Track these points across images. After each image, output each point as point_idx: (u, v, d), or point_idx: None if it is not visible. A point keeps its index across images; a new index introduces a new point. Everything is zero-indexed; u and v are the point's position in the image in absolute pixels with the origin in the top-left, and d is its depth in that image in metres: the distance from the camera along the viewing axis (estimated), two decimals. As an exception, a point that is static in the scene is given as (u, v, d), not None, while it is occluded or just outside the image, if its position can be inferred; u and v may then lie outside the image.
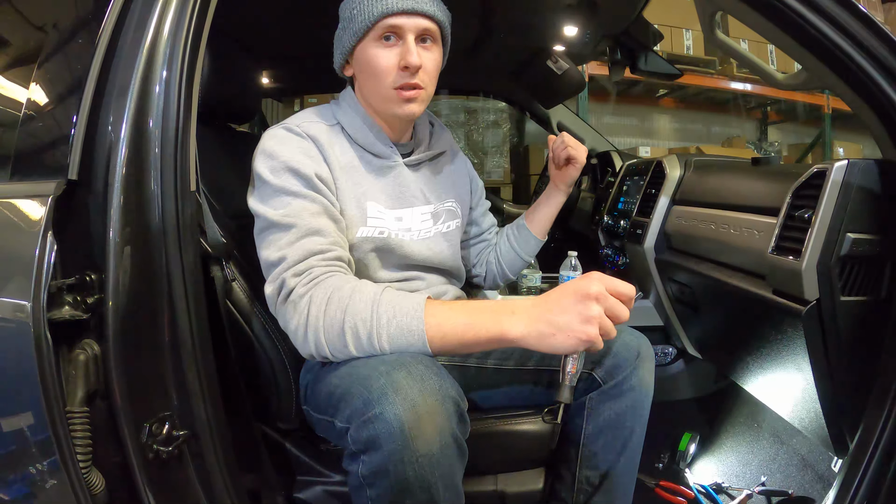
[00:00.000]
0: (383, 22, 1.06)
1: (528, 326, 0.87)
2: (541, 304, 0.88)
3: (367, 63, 1.10)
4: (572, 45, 2.34)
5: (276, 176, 1.02)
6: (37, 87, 0.90)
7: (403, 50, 1.07)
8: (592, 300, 0.84)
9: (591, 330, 0.84)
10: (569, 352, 0.87)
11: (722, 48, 1.42)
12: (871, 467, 1.08)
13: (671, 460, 1.84)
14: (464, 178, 1.39)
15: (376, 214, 1.13)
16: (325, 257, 0.98)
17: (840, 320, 1.15)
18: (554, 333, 0.85)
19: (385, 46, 1.08)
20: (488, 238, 1.51)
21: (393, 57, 1.08)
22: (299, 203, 1.01)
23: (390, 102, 1.11)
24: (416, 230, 1.19)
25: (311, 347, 0.94)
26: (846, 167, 1.12)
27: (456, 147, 1.41)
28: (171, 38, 0.88)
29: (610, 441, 1.17)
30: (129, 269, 0.83)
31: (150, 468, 0.83)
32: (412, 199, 1.20)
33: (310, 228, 0.99)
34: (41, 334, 0.75)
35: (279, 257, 0.98)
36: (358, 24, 1.07)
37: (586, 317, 0.84)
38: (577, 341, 0.84)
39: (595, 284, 0.85)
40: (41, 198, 0.79)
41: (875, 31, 1.07)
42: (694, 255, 1.66)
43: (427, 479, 0.82)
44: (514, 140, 4.98)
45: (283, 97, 3.78)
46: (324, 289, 0.93)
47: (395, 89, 1.09)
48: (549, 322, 0.85)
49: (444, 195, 1.28)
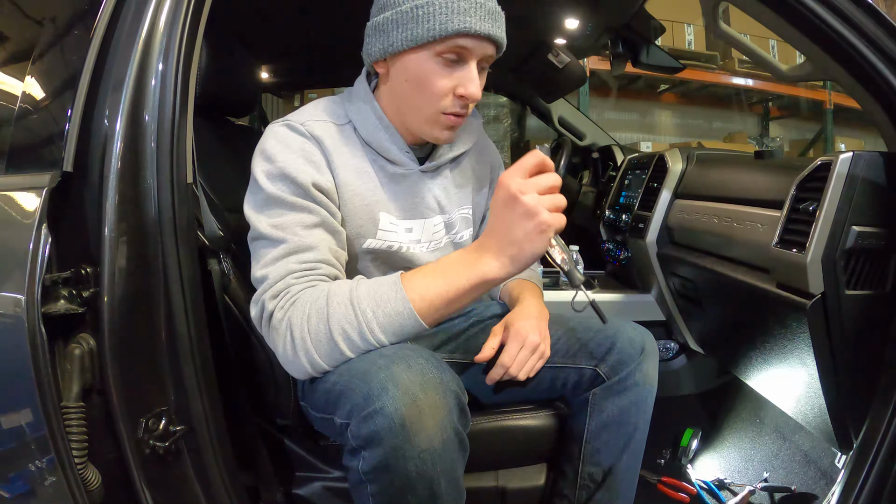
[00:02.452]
0: (455, 40, 0.96)
1: (499, 258, 0.88)
2: (492, 234, 0.89)
3: (418, 76, 0.99)
4: (573, 38, 2.33)
5: (271, 182, 0.96)
6: (32, 80, 0.90)
7: (465, 76, 0.98)
8: (518, 197, 0.84)
9: (543, 217, 0.84)
10: (543, 250, 0.88)
11: (725, 39, 1.41)
12: (876, 464, 1.08)
13: (673, 456, 1.84)
14: (485, 179, 1.28)
15: (388, 227, 1.09)
16: (303, 275, 0.94)
17: (845, 314, 1.14)
18: (521, 246, 0.86)
19: (446, 65, 0.98)
20: None
21: (451, 81, 0.98)
22: (292, 216, 0.96)
23: (432, 125, 1.03)
24: (427, 241, 1.15)
25: (305, 367, 0.91)
26: (851, 159, 1.11)
27: (483, 136, 1.28)
28: (167, 30, 0.88)
29: (613, 437, 1.16)
30: (124, 262, 0.82)
31: (146, 464, 0.83)
32: (426, 211, 1.14)
33: (298, 245, 0.95)
34: (36, 328, 0.74)
35: (262, 276, 0.94)
36: (422, 31, 0.95)
37: (527, 212, 0.84)
38: (540, 235, 0.85)
39: (513, 183, 0.85)
40: (36, 190, 0.79)
41: (881, 22, 1.06)
42: (696, 249, 1.65)
43: (429, 474, 0.81)
44: (514, 135, 4.97)
45: (282, 92, 3.77)
46: (300, 306, 0.90)
47: (443, 114, 1.01)
48: (509, 242, 0.86)
49: (462, 201, 1.21)
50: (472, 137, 1.21)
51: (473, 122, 1.22)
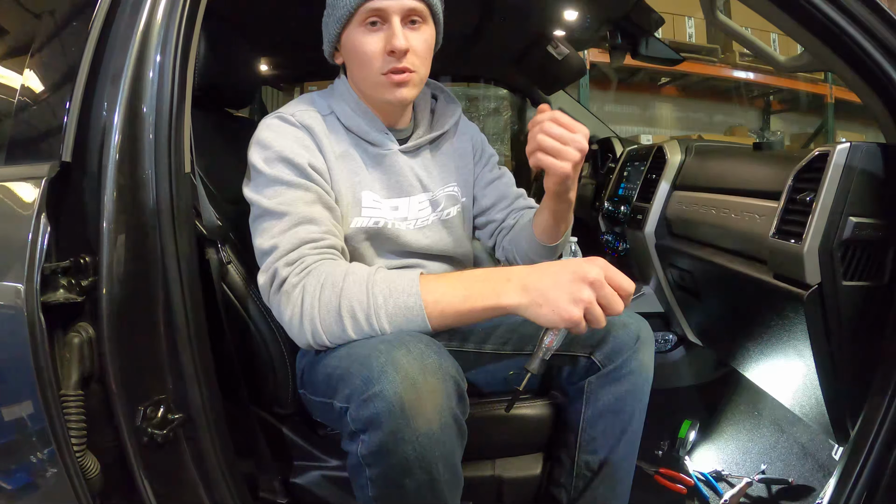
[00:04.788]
0: (365, 6, 1.03)
1: (521, 296, 0.88)
2: (537, 273, 0.89)
3: (353, 50, 1.07)
4: (573, 29, 2.33)
5: (269, 166, 1.01)
6: (31, 72, 0.90)
7: (389, 34, 1.04)
8: (587, 284, 0.85)
9: (576, 312, 0.84)
10: (550, 326, 0.89)
11: (723, 30, 1.41)
12: (872, 454, 1.08)
13: (671, 447, 1.85)
14: (467, 154, 1.32)
15: (371, 204, 1.12)
16: (317, 245, 0.97)
17: (842, 305, 1.14)
18: (541, 305, 0.86)
19: (370, 31, 1.05)
20: (495, 218, 1.36)
21: (379, 41, 1.05)
22: (293, 193, 1.00)
23: (380, 88, 1.08)
24: (413, 219, 1.18)
25: (307, 336, 0.93)
26: (848, 150, 1.11)
27: (462, 119, 1.33)
28: (164, 22, 0.88)
29: (609, 425, 1.17)
30: (123, 251, 0.82)
31: (145, 452, 0.83)
32: (409, 188, 1.18)
33: (303, 217, 0.99)
34: (35, 317, 0.74)
35: (271, 245, 0.97)
36: (341, 11, 1.05)
37: (576, 298, 0.84)
38: (559, 319, 0.85)
39: (595, 270, 0.85)
40: (35, 180, 0.79)
41: (879, 14, 1.06)
42: (695, 241, 1.65)
43: (427, 458, 0.82)
44: (514, 127, 4.97)
45: (281, 84, 3.76)
46: (316, 276, 0.93)
47: (383, 75, 1.06)
48: (540, 293, 0.86)
49: (446, 179, 1.25)
50: (450, 120, 1.28)
51: (451, 106, 1.29)
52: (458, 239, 1.26)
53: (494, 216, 1.36)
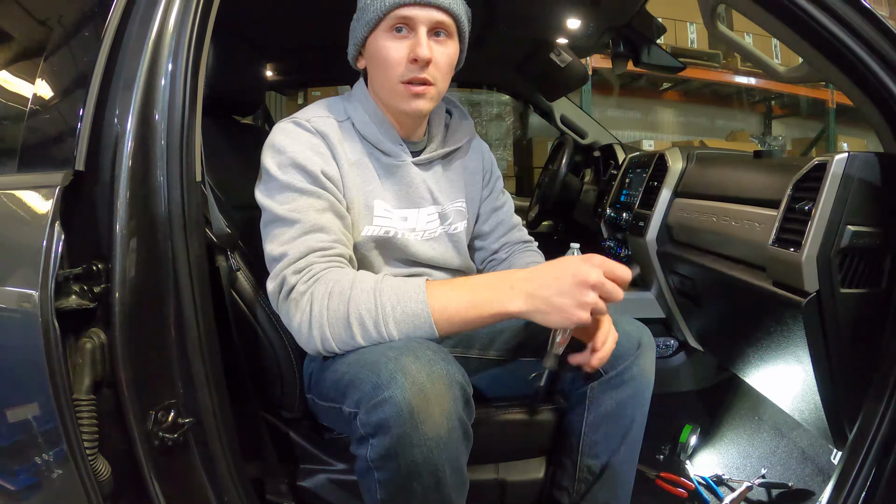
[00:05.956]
0: (395, 13, 1.03)
1: (527, 303, 0.92)
2: (539, 279, 0.93)
3: (376, 54, 1.07)
4: (575, 37, 2.34)
5: (283, 171, 1.01)
6: (43, 81, 0.91)
7: (414, 42, 1.04)
8: (590, 288, 0.89)
9: (584, 315, 0.90)
10: (559, 328, 0.96)
11: (723, 41, 1.42)
12: (869, 458, 1.09)
13: (672, 452, 1.85)
14: (477, 173, 1.33)
15: (382, 213, 1.13)
16: (325, 254, 0.99)
17: (840, 312, 1.16)
18: (549, 311, 0.91)
19: (396, 38, 1.05)
20: (490, 247, 1.38)
21: (403, 49, 1.05)
22: (305, 200, 1.01)
23: (398, 97, 1.08)
24: (422, 230, 1.19)
25: (316, 343, 0.95)
26: (846, 160, 1.12)
27: (475, 137, 1.34)
28: (175, 31, 0.89)
29: (611, 430, 1.18)
30: (135, 258, 0.83)
31: (155, 455, 0.85)
32: (419, 200, 1.18)
33: (314, 225, 1.00)
34: (49, 323, 0.75)
35: (281, 253, 0.98)
36: (370, 15, 1.05)
37: (582, 302, 0.90)
38: (569, 322, 0.91)
39: (595, 273, 0.90)
40: (49, 188, 0.80)
41: (876, 25, 1.07)
42: (696, 248, 1.66)
43: (434, 462, 0.84)
44: (517, 133, 4.98)
45: (286, 90, 3.78)
46: (324, 283, 0.94)
47: (403, 83, 1.06)
48: (545, 300, 0.91)
49: (455, 195, 1.25)
50: (464, 137, 1.27)
51: (465, 123, 1.29)
52: (462, 252, 1.27)
53: (490, 245, 1.38)
